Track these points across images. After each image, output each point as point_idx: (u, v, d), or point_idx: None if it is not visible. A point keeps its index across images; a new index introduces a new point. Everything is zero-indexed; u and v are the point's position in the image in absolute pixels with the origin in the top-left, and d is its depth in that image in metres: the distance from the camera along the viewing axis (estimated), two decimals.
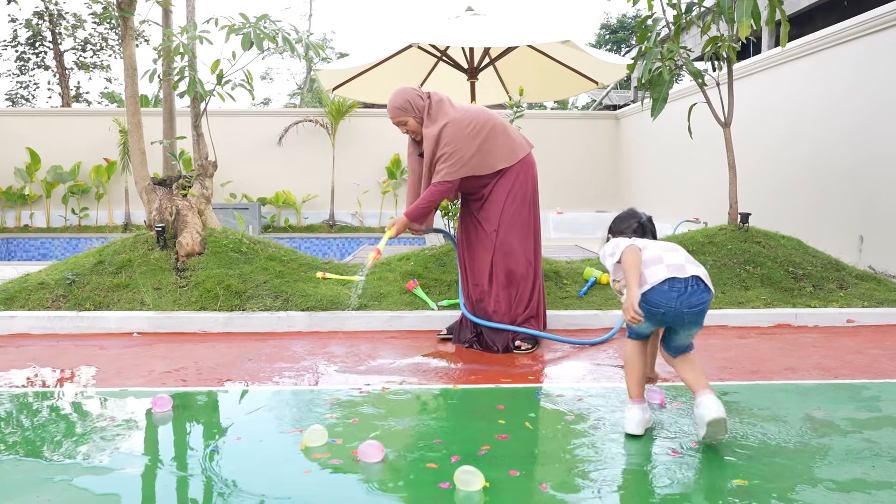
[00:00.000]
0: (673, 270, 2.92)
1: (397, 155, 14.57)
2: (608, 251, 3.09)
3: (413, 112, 4.43)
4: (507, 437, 3.05)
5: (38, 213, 14.57)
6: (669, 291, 2.89)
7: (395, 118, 4.47)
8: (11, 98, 27.85)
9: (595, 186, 15.03)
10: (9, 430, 3.15)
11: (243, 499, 2.47)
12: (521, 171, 4.52)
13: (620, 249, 2.98)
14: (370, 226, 14.80)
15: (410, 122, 4.45)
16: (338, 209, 14.81)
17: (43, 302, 5.12)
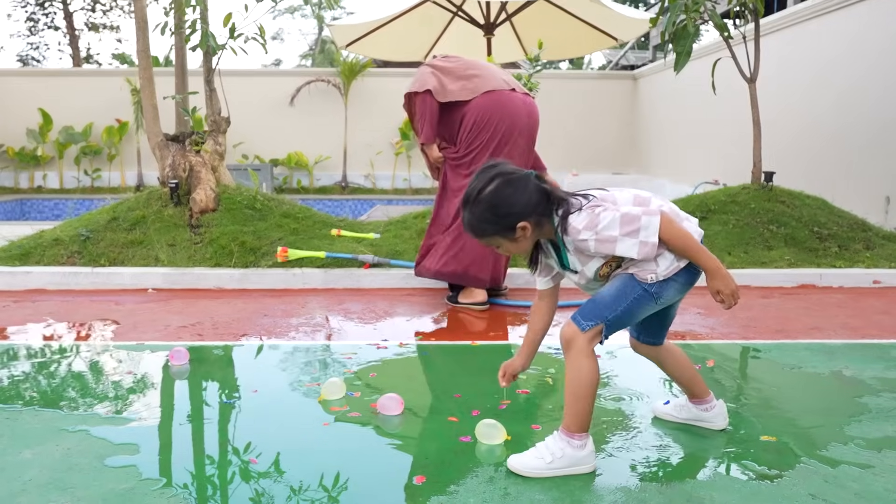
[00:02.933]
0: (694, 224, 2.27)
1: None
2: (612, 231, 2.10)
3: (423, 87, 4.39)
4: (527, 392, 3.00)
5: (51, 173, 14.56)
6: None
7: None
8: (22, 59, 27.76)
9: (611, 148, 14.84)
10: (27, 382, 3.13)
11: (261, 450, 2.43)
12: (481, 106, 4.31)
13: (650, 223, 2.08)
14: (383, 187, 14.71)
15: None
16: (350, 170, 14.71)
17: (58, 258, 5.09)
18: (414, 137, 14.24)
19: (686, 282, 2.23)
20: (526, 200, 2.14)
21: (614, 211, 2.11)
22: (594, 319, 2.21)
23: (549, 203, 2.17)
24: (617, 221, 2.09)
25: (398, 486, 2.20)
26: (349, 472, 2.29)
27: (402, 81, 14.74)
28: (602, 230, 2.10)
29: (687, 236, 2.13)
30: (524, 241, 2.20)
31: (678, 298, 2.33)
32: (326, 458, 2.38)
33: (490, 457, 2.39)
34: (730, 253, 5.34)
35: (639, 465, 2.34)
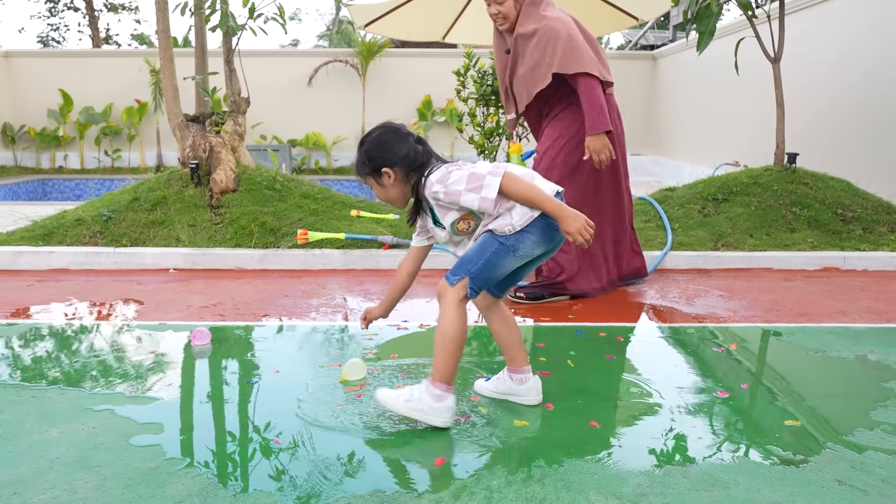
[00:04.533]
0: (550, 185, 2.46)
1: (428, 96, 14.34)
2: (459, 185, 2.34)
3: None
4: (548, 374, 3.00)
5: (71, 154, 14.65)
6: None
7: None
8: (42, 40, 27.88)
9: (630, 129, 14.49)
10: (52, 361, 3.17)
11: (282, 430, 2.44)
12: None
13: (492, 182, 2.32)
14: None
15: (508, 4, 3.93)
16: None
17: (80, 238, 5.12)
18: (431, 118, 14.18)
19: (541, 233, 2.40)
20: (396, 151, 2.43)
21: (465, 170, 2.39)
22: (460, 273, 2.41)
23: (422, 163, 2.45)
24: (464, 178, 2.37)
25: (419, 467, 2.21)
26: (369, 452, 2.30)
27: (420, 62, 14.66)
28: (450, 184, 2.37)
29: (531, 188, 2.34)
30: (390, 188, 2.47)
31: (536, 253, 2.46)
32: (346, 439, 2.39)
33: (513, 440, 2.39)
34: (752, 235, 5.29)
35: (662, 448, 2.33)
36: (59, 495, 2.04)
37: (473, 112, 5.86)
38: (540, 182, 2.44)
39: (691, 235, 5.28)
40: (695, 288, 4.48)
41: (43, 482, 2.11)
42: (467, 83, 5.90)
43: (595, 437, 2.41)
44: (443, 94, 14.32)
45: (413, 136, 2.49)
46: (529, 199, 2.34)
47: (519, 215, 2.37)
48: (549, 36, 3.88)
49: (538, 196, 2.34)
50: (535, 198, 2.33)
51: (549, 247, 2.48)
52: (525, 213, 2.37)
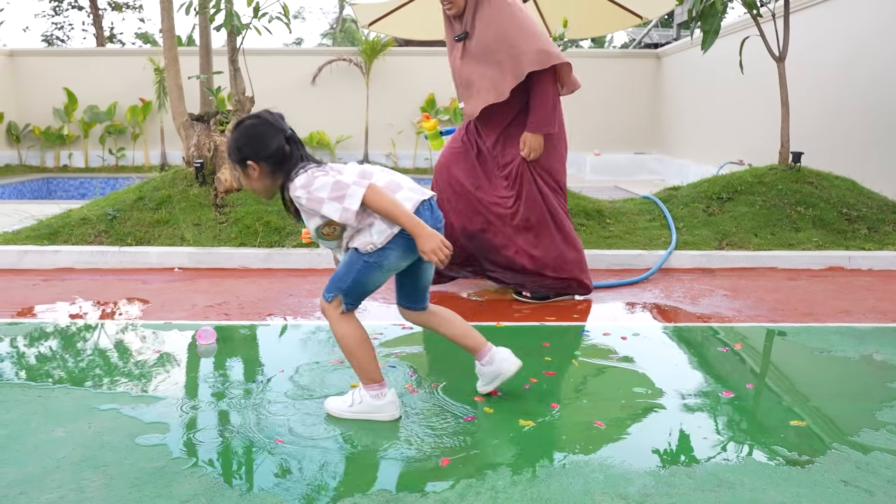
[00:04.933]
0: (418, 193, 2.46)
1: (432, 94, 14.33)
2: (322, 193, 2.31)
3: None
4: (553, 373, 3.00)
5: (76, 153, 14.68)
6: (423, 211, 2.43)
7: None
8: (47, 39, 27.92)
9: (633, 127, 14.68)
10: (58, 360, 3.18)
11: (287, 430, 2.45)
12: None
13: (355, 192, 2.29)
14: (404, 166, 14.68)
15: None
16: (372, 150, 14.69)
17: (86, 237, 5.14)
18: (435, 115, 14.18)
19: (404, 248, 2.41)
20: (264, 145, 2.37)
21: (331, 177, 2.35)
22: (333, 291, 2.48)
23: (289, 163, 2.40)
24: (328, 186, 2.32)
25: (425, 467, 2.21)
26: (375, 452, 2.30)
27: (424, 60, 14.66)
28: (314, 191, 2.33)
29: (392, 204, 2.32)
30: (255, 181, 2.43)
31: (404, 264, 2.49)
32: (351, 439, 2.39)
33: (518, 440, 2.39)
34: (756, 234, 5.28)
35: (667, 448, 2.33)
36: (66, 495, 2.05)
37: None
38: (406, 193, 2.44)
39: (696, 235, 5.27)
40: (699, 287, 4.48)
41: (50, 481, 2.12)
42: None
43: (600, 437, 2.41)
44: (446, 92, 14.31)
45: (286, 133, 2.41)
46: (388, 213, 2.32)
47: (378, 233, 2.38)
48: (513, 27, 3.78)
49: (397, 212, 2.31)
50: (394, 214, 2.31)
51: (415, 257, 2.47)
52: (384, 230, 2.37)
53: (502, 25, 3.79)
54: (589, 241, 5.17)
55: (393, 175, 2.49)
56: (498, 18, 3.80)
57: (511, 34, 3.78)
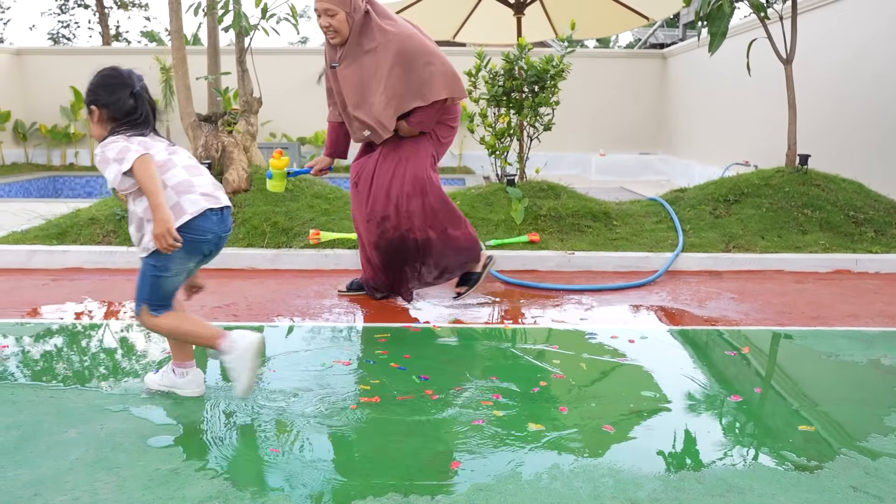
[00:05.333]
0: (210, 201, 2.58)
1: None
2: (111, 153, 2.45)
3: (349, 6, 3.66)
4: (562, 376, 3.01)
5: (82, 151, 14.71)
6: (211, 217, 2.58)
7: (328, 4, 3.63)
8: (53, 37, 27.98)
9: (639, 128, 14.66)
10: (68, 361, 3.19)
11: (296, 431, 2.47)
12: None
13: (130, 157, 2.42)
14: None
15: (340, 17, 3.66)
16: None
17: (94, 237, 5.16)
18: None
19: (186, 250, 2.54)
20: (108, 94, 2.55)
21: (125, 143, 2.48)
22: (138, 303, 2.65)
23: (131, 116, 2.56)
24: (117, 149, 2.46)
25: (435, 471, 2.22)
26: (385, 455, 2.32)
27: None
28: (106, 150, 2.47)
29: (151, 181, 2.41)
30: (94, 125, 2.59)
31: (191, 264, 2.67)
32: (362, 442, 2.41)
33: (528, 443, 2.40)
34: (763, 237, 5.28)
35: (676, 453, 2.34)
36: (80, 496, 2.07)
37: (485, 113, 5.86)
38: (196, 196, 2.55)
39: (703, 237, 5.28)
40: (706, 290, 4.49)
41: (64, 483, 2.14)
42: (478, 83, 5.90)
43: (609, 441, 2.42)
44: None
45: (134, 91, 2.57)
46: (145, 187, 2.42)
47: (148, 238, 2.52)
48: (407, 56, 3.73)
49: (153, 189, 2.40)
50: (150, 190, 2.40)
51: (200, 257, 2.66)
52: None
53: (406, 67, 3.76)
54: (596, 242, 5.18)
55: (196, 177, 2.60)
56: (400, 59, 3.74)
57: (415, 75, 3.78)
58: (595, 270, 4.95)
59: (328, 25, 3.68)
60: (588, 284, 4.56)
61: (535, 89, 5.75)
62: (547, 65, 5.64)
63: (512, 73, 5.76)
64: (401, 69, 3.74)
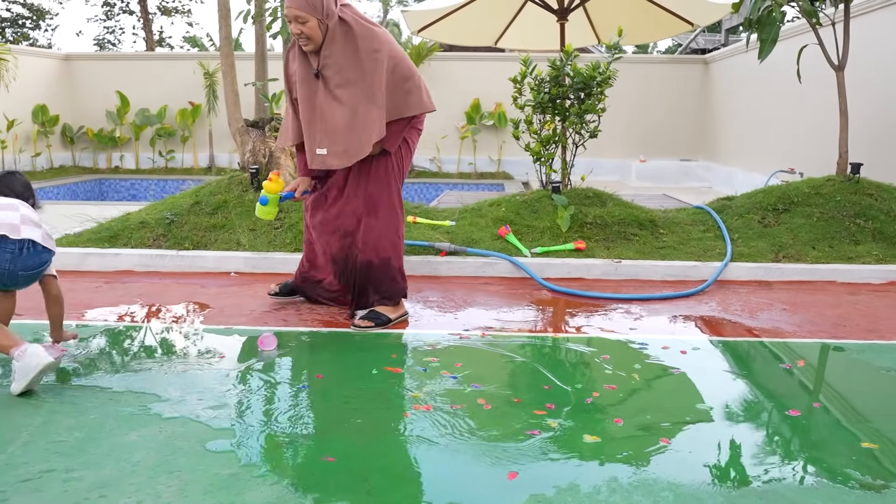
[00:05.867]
0: (5, 229, 2.87)
1: (477, 99, 14.35)
2: None
3: (321, 13, 3.49)
4: (614, 387, 2.98)
5: (127, 154, 15.00)
6: (3, 252, 2.88)
7: (298, 11, 3.45)
8: (99, 43, 28.59)
9: (680, 134, 14.52)
10: (125, 364, 3.24)
11: (352, 438, 2.48)
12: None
13: None
14: (448, 171, 14.71)
15: (312, 24, 3.49)
16: (416, 154, 14.74)
17: (144, 240, 5.25)
18: (479, 121, 14.21)
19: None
20: None
21: None
22: None
23: None
24: None
25: (491, 482, 2.21)
26: (442, 465, 2.31)
27: (468, 65, 14.68)
28: None
29: None
30: None
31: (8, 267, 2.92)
32: (418, 450, 2.41)
33: (585, 456, 2.38)
34: (814, 247, 5.19)
35: (736, 468, 2.30)
36: (143, 499, 2.10)
37: (530, 119, 5.85)
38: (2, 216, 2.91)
39: (751, 246, 5.20)
40: (757, 301, 4.42)
41: (127, 485, 2.17)
42: (524, 90, 5.89)
43: (667, 455, 2.39)
44: (491, 97, 14.32)
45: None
46: None
47: None
48: (391, 66, 3.62)
49: None
50: None
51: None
52: None
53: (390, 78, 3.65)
54: (642, 251, 5.14)
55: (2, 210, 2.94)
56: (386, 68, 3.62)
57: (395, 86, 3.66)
58: (642, 279, 4.90)
59: (300, 33, 3.51)
60: (637, 294, 4.52)
61: (580, 96, 5.72)
62: (594, 71, 5.61)
63: (558, 80, 5.74)
64: (387, 79, 3.61)
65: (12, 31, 26.65)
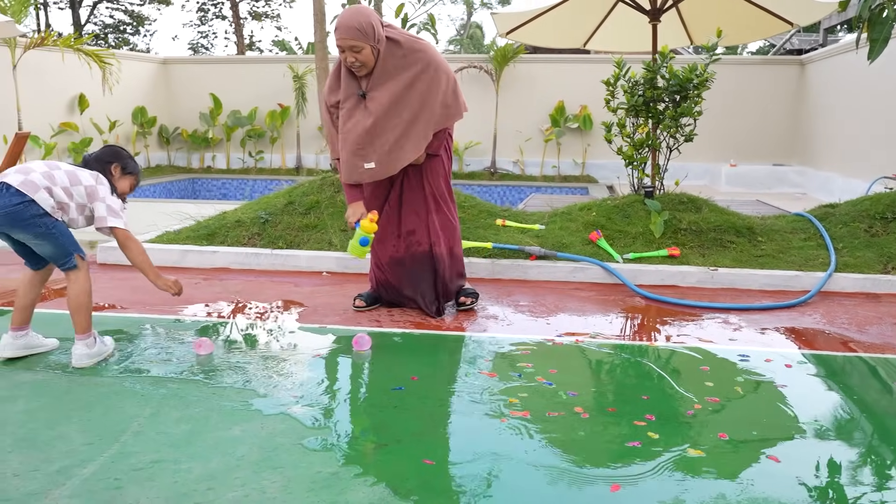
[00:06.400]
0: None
1: (562, 102, 14.21)
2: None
3: (374, 39, 3.60)
4: (717, 400, 2.88)
5: (219, 155, 15.49)
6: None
7: (353, 41, 3.55)
8: (193, 47, 29.69)
9: (773, 137, 14.01)
10: (226, 359, 3.32)
11: (451, 444, 2.47)
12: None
13: None
14: (531, 174, 14.62)
15: (366, 52, 3.59)
16: (499, 156, 14.72)
17: (240, 239, 5.39)
18: (564, 124, 14.07)
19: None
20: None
21: None
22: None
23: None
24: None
25: (593, 493, 2.17)
26: (544, 476, 2.28)
27: (553, 67, 14.56)
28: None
29: None
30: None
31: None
32: (518, 462, 2.38)
33: (689, 471, 2.31)
34: None
35: (850, 491, 2.19)
36: (249, 493, 2.14)
37: (623, 122, 5.74)
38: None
39: (857, 256, 4.95)
40: (864, 314, 4.20)
41: (233, 479, 2.22)
42: (616, 93, 5.78)
43: (777, 474, 2.29)
44: (576, 99, 14.16)
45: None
46: None
47: None
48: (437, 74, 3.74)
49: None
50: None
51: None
52: None
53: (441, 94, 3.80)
54: (740, 259, 4.97)
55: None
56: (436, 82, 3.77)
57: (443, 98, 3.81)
58: (740, 288, 4.74)
59: (354, 61, 3.62)
60: (735, 303, 4.37)
61: (675, 99, 5.58)
62: (690, 73, 5.46)
63: (653, 83, 5.61)
64: (434, 90, 3.74)
65: (115, 37, 27.95)
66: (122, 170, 3.37)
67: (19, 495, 2.12)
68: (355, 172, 3.77)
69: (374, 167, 3.74)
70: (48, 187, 3.08)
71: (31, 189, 3.04)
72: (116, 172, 3.35)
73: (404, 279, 4.04)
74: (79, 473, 2.25)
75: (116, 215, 3.22)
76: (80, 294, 3.19)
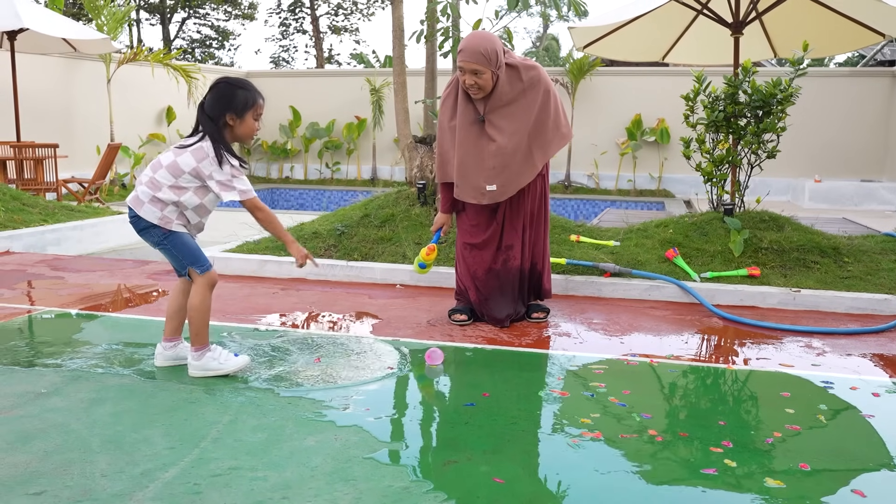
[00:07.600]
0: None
1: (638, 115, 14.02)
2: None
3: (495, 65, 3.73)
4: (798, 428, 2.79)
5: (296, 166, 15.89)
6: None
7: (476, 66, 3.67)
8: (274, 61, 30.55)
9: (861, 151, 13.49)
10: (300, 369, 3.40)
11: (518, 457, 2.46)
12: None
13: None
14: (606, 188, 14.46)
15: (487, 76, 3.72)
16: (574, 169, 14.63)
17: (316, 250, 5.51)
18: (640, 137, 13.86)
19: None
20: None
21: None
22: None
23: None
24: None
25: None
26: (610, 497, 2.25)
27: (629, 80, 14.39)
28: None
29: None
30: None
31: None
32: (585, 479, 2.35)
33: (768, 500, 2.24)
34: None
35: None
36: None
37: (702, 138, 5.62)
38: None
39: None
40: None
41: (307, 490, 2.27)
42: (696, 107, 5.67)
43: None
44: (653, 113, 13.96)
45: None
46: None
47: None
48: (547, 97, 3.92)
49: None
50: None
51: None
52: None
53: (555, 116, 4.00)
54: (824, 280, 4.79)
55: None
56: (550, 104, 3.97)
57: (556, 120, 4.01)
58: (824, 311, 4.57)
59: (473, 84, 3.75)
60: (819, 327, 4.22)
61: (758, 114, 5.43)
62: (774, 88, 5.31)
63: (734, 98, 5.48)
64: (546, 110, 3.91)
65: (201, 51, 29.03)
66: (238, 114, 3.08)
67: (106, 496, 2.22)
68: (477, 193, 3.94)
69: (496, 189, 3.90)
70: (153, 197, 3.05)
71: (136, 205, 3.09)
72: (233, 122, 3.08)
73: (495, 290, 4.11)
74: (161, 477, 2.34)
75: (228, 188, 3.04)
76: (191, 308, 3.17)
